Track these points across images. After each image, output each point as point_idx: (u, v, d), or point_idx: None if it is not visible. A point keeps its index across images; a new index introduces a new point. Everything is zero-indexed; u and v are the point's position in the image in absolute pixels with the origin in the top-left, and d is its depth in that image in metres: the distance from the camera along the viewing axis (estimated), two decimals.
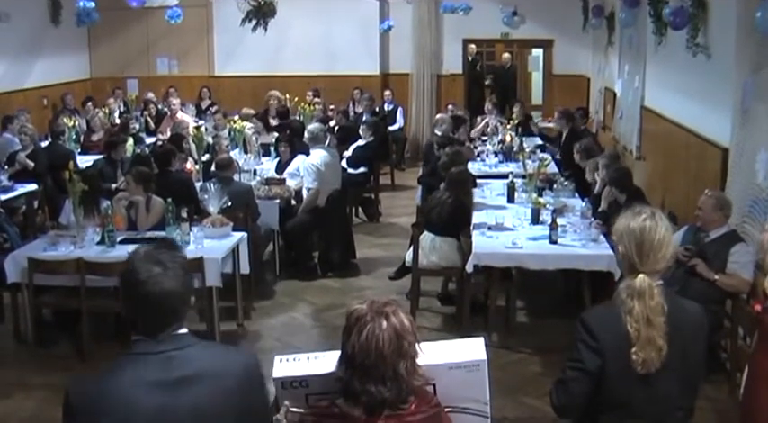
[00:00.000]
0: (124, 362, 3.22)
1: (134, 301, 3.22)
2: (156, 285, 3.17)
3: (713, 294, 7.48)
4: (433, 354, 3.48)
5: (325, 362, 3.48)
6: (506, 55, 23.55)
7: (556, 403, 4.10)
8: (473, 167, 12.73)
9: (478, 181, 11.93)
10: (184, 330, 3.30)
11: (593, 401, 4.03)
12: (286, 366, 3.53)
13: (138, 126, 16.80)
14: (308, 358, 3.55)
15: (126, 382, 3.14)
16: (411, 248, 9.75)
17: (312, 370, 3.49)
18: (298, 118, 16.24)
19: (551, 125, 18.23)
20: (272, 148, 13.97)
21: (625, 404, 3.97)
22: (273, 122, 16.08)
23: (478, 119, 17.52)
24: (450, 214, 9.64)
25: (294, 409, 3.45)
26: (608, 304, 4.05)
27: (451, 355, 3.53)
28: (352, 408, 3.28)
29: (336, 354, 3.40)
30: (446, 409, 3.48)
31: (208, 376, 3.20)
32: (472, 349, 3.57)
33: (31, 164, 12.62)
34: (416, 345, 3.33)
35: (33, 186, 12.31)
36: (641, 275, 3.91)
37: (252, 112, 16.18)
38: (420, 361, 3.37)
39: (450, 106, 17.45)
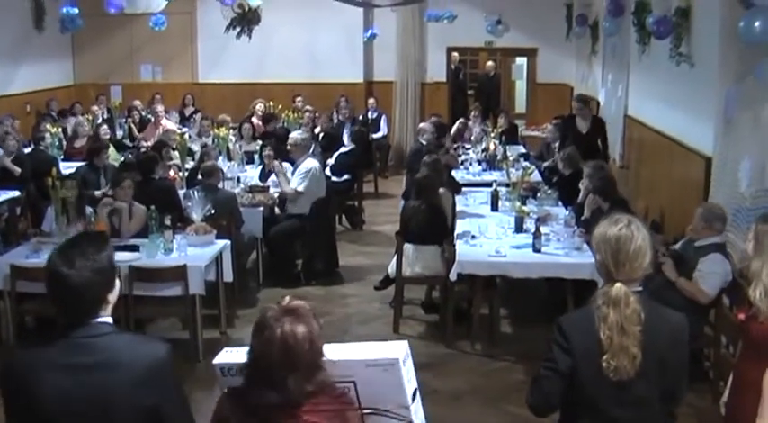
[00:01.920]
0: (40, 345, 3.46)
1: (48, 293, 3.43)
2: (61, 281, 3.34)
3: (696, 302, 7.50)
4: (353, 351, 3.51)
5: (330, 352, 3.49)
6: (490, 63, 23.59)
7: (530, 401, 4.15)
8: (457, 175, 12.74)
9: (462, 188, 11.95)
10: (104, 320, 3.44)
11: (571, 405, 4.07)
12: (228, 355, 3.63)
13: (121, 133, 16.79)
14: None
15: (34, 362, 3.40)
16: (394, 259, 9.75)
17: None
18: (282, 125, 16.23)
19: (535, 133, 18.32)
20: (256, 156, 13.96)
21: (600, 409, 4.00)
22: (260, 126, 16.06)
23: (456, 123, 17.54)
24: (428, 221, 9.65)
25: None
26: (584, 308, 4.08)
27: (369, 353, 3.51)
28: (253, 399, 3.35)
29: (333, 347, 3.46)
30: (367, 411, 3.48)
31: (114, 364, 3.34)
32: (391, 349, 3.55)
33: (18, 169, 12.56)
34: (315, 354, 3.32)
35: (16, 193, 12.24)
36: (618, 284, 3.93)
37: (228, 118, 16.11)
38: (338, 357, 3.41)
39: (433, 118, 17.39)
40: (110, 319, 3.46)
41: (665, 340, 3.96)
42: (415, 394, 3.58)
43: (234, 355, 3.59)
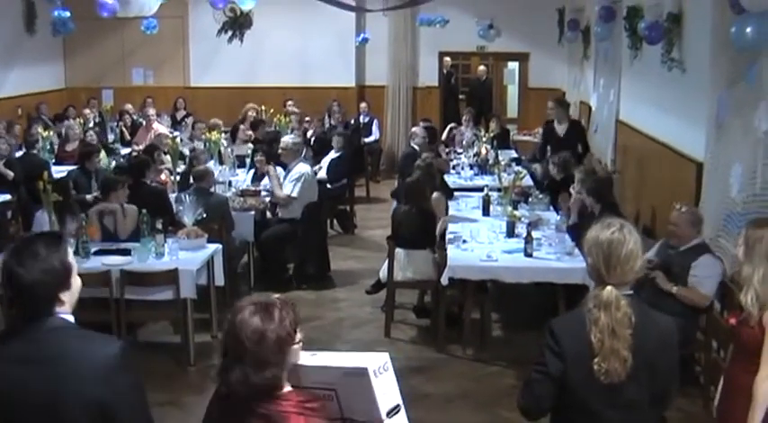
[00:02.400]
0: None
1: (4, 290, 3.50)
2: (12, 279, 3.42)
3: (688, 307, 7.50)
4: (333, 359, 3.51)
5: (322, 358, 3.53)
6: (482, 68, 23.61)
7: (521, 405, 4.15)
8: (448, 180, 12.73)
9: (454, 193, 11.96)
10: (61, 316, 3.47)
11: (562, 408, 4.08)
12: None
13: (113, 137, 16.77)
14: (312, 354, 3.57)
15: None
16: (386, 264, 9.74)
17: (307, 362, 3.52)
18: (273, 129, 16.21)
19: (527, 138, 18.33)
20: (248, 160, 13.96)
21: (592, 412, 4.01)
22: (249, 133, 16.05)
23: (447, 128, 17.63)
24: (420, 225, 9.66)
25: None
26: (575, 312, 4.10)
27: (346, 362, 3.49)
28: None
29: (325, 354, 3.52)
30: (347, 421, 3.48)
31: (61, 359, 3.36)
32: (367, 359, 3.47)
33: (11, 173, 12.55)
34: (265, 350, 3.31)
35: (7, 196, 12.23)
36: (609, 287, 3.94)
37: (220, 122, 16.09)
38: (315, 363, 3.46)
39: (422, 123, 17.39)
40: (68, 317, 3.49)
41: (654, 343, 3.97)
42: (394, 411, 3.47)
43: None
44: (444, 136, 16.90)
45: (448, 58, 22.44)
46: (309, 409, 3.37)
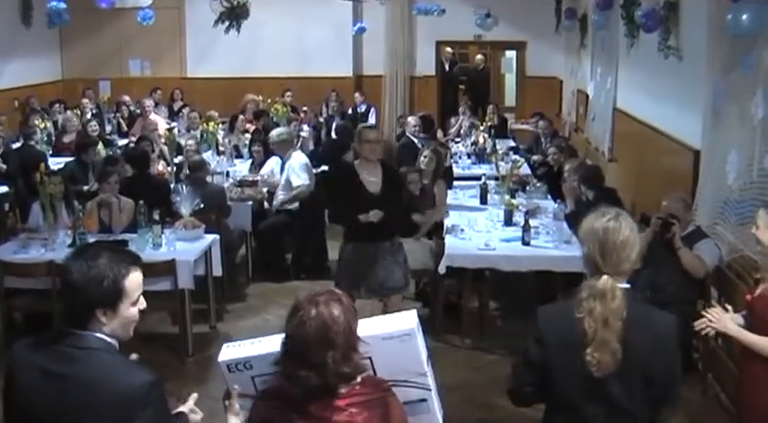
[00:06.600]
0: (37, 340, 3.42)
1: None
2: (64, 275, 3.36)
3: (685, 294, 7.51)
4: (367, 327, 3.55)
5: (266, 344, 3.60)
6: (479, 57, 23.58)
7: (508, 389, 4.22)
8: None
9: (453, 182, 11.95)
10: (104, 338, 3.31)
11: (549, 402, 4.08)
12: (231, 351, 3.66)
13: (110, 128, 16.75)
14: (252, 343, 3.67)
15: (23, 355, 3.39)
16: None
17: (254, 352, 3.60)
18: (271, 120, 16.21)
19: (525, 127, 18.33)
20: (246, 150, 13.95)
21: (574, 405, 3.95)
22: (249, 125, 16.03)
23: (452, 120, 17.62)
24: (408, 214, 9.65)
25: (244, 394, 3.60)
26: (566, 301, 4.06)
27: (383, 328, 3.61)
28: (292, 388, 3.35)
29: (276, 336, 3.51)
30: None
31: (83, 382, 3.23)
32: (403, 321, 3.67)
33: (3, 166, 12.53)
34: (350, 335, 3.36)
35: (4, 188, 12.21)
36: (605, 276, 3.88)
37: (215, 114, 16.07)
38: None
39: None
40: (110, 339, 3.33)
41: (648, 341, 3.86)
42: (428, 359, 3.69)
43: (237, 350, 3.64)
44: (455, 127, 16.90)
45: (449, 49, 22.43)
46: (386, 390, 3.48)
